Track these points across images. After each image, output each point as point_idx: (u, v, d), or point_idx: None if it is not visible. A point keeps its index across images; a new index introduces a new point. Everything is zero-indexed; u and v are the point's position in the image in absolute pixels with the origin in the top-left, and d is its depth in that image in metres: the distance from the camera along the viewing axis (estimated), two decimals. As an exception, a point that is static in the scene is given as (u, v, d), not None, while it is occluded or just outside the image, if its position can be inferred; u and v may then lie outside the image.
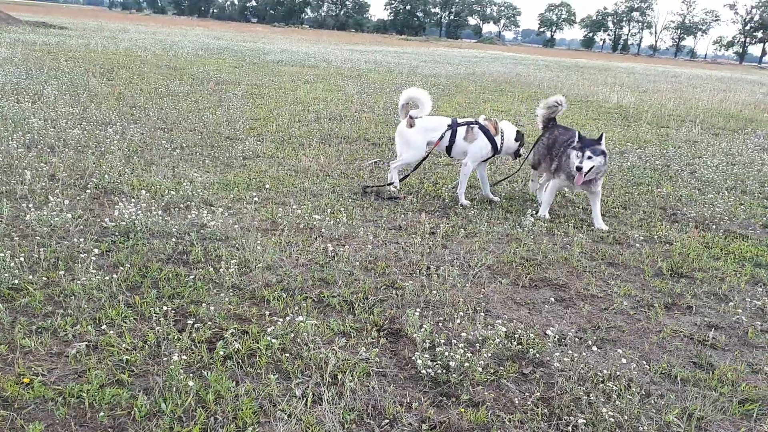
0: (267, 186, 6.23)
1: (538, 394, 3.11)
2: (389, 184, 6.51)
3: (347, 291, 4.02)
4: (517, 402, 3.05)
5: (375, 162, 7.79)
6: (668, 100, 17.95)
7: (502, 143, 6.35)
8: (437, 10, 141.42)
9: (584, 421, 2.85)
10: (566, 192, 7.17)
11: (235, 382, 2.97)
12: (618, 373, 3.31)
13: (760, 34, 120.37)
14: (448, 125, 6.33)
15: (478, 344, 3.46)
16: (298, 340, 3.35)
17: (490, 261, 4.81)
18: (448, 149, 6.41)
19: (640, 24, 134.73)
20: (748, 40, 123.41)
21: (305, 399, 2.87)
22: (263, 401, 2.85)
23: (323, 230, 5.11)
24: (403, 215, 5.76)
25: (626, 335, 3.88)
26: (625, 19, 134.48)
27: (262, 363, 3.15)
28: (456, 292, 4.20)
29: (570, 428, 2.83)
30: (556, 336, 3.64)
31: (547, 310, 4.16)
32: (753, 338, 3.94)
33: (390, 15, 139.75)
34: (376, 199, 6.22)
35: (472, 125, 6.31)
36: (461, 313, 3.80)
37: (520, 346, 3.55)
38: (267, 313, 3.60)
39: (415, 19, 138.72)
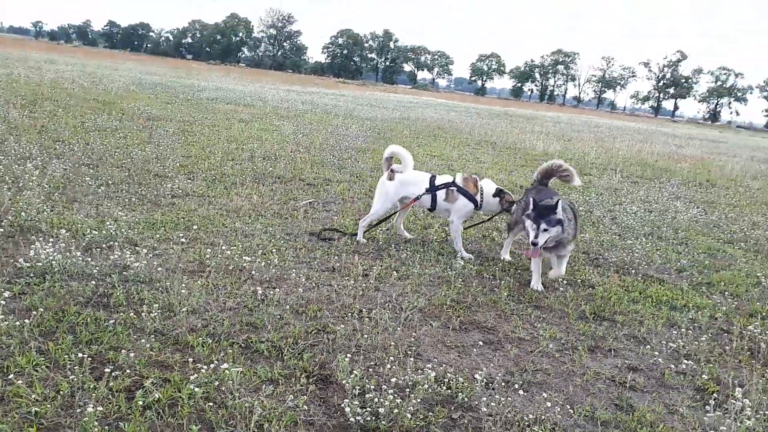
0: (195, 226, 6.07)
1: (467, 439, 3.11)
2: (354, 234, 6.54)
3: (276, 336, 3.93)
4: (446, 448, 3.04)
5: (310, 202, 7.77)
6: (591, 149, 18.96)
7: (481, 200, 6.38)
8: (374, 55, 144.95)
9: (511, 466, 2.87)
10: (495, 236, 7.37)
11: (153, 435, 2.81)
12: (543, 417, 3.36)
13: (671, 90, 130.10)
14: (426, 189, 6.38)
15: (408, 389, 3.44)
16: (223, 388, 3.22)
17: (421, 303, 4.84)
18: (431, 209, 6.54)
19: (564, 76, 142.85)
20: (661, 95, 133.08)
21: (228, 451, 2.75)
22: (183, 455, 2.71)
23: (253, 272, 5.01)
24: (336, 257, 5.73)
25: (552, 378, 3.96)
26: (551, 71, 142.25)
27: (184, 413, 3.00)
28: (387, 335, 4.18)
29: (498, 474, 2.84)
30: (484, 380, 3.68)
31: (476, 353, 4.21)
32: (669, 380, 4.12)
33: (327, 58, 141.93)
34: (309, 240, 6.18)
35: (451, 188, 6.36)
36: (392, 358, 3.79)
37: (449, 391, 3.56)
38: (191, 359, 3.45)
39: (352, 63, 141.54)
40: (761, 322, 5.28)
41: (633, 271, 6.44)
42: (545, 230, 5.27)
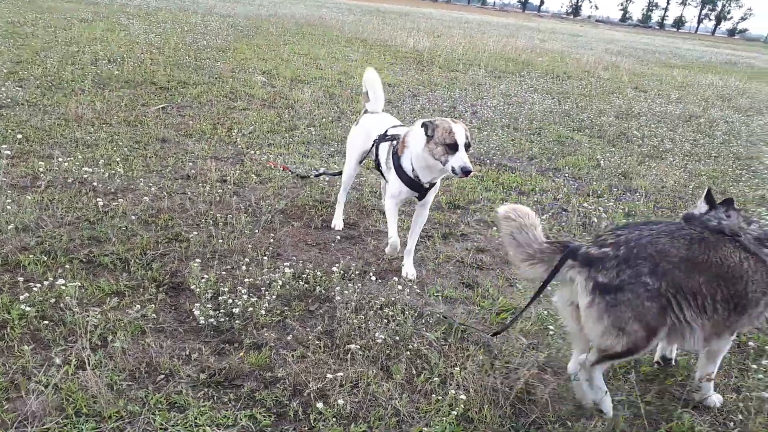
0: (21, 137, 5.45)
1: (321, 328, 3.22)
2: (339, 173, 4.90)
3: (122, 248, 3.74)
4: (300, 338, 3.13)
5: (162, 107, 7.24)
6: (459, 45, 19.17)
7: None
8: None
9: (358, 346, 3.02)
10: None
11: (-20, 361, 2.62)
12: (394, 299, 3.55)
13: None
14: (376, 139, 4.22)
15: (264, 288, 3.45)
16: (61, 305, 3.04)
17: (282, 205, 4.80)
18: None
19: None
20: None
21: (67, 366, 2.64)
22: (15, 375, 2.57)
23: (95, 184, 4.65)
24: (191, 163, 5.46)
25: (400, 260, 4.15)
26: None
27: (15, 335, 2.82)
28: (245, 239, 4.13)
29: (348, 355, 2.99)
30: (342, 271, 3.78)
31: (336, 248, 4.29)
32: (512, 256, 4.47)
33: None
34: (161, 147, 5.81)
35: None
36: (247, 260, 3.76)
37: (307, 285, 3.63)
38: (21, 279, 3.20)
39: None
40: (595, 199, 5.84)
41: (488, 161, 6.77)
42: None
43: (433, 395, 2.79)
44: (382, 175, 4.31)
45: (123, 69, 8.93)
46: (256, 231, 4.28)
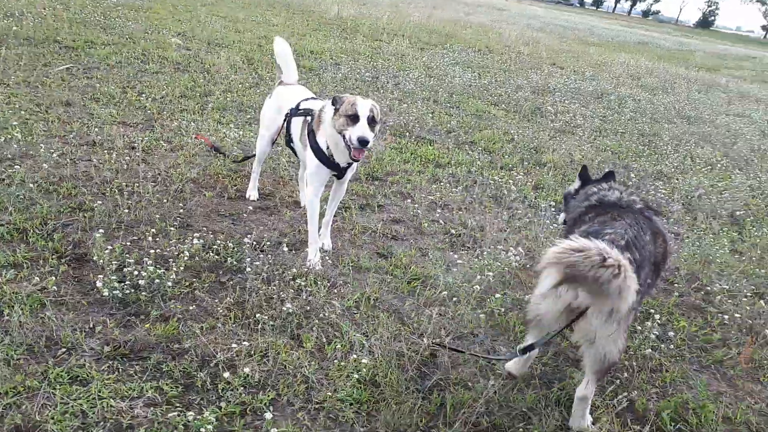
0: None
1: (231, 299, 3.21)
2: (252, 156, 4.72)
3: (20, 218, 3.55)
4: (209, 310, 3.12)
5: (67, 68, 6.82)
6: (384, 14, 19.06)
7: None
8: None
9: (267, 316, 3.05)
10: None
11: None
12: (306, 269, 3.59)
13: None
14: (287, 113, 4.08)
15: (171, 260, 3.39)
16: (-52, 279, 2.88)
17: (194, 174, 4.68)
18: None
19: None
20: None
21: (-44, 343, 2.52)
22: None
23: (-11, 150, 4.37)
24: (97, 129, 5.21)
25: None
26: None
27: None
28: (153, 209, 4.01)
29: (260, 325, 3.01)
30: (254, 242, 3.77)
31: (250, 219, 4.26)
32: (426, 227, 4.61)
33: None
34: (65, 111, 5.49)
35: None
36: (154, 231, 3.67)
37: (218, 257, 3.60)
38: None
39: None
40: (507, 172, 6.07)
41: (407, 133, 6.86)
42: None
43: (341, 362, 2.88)
44: (294, 152, 4.24)
45: (22, 25, 8.27)
46: (165, 200, 4.17)
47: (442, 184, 5.49)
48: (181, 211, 4.08)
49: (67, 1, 10.78)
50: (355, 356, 2.89)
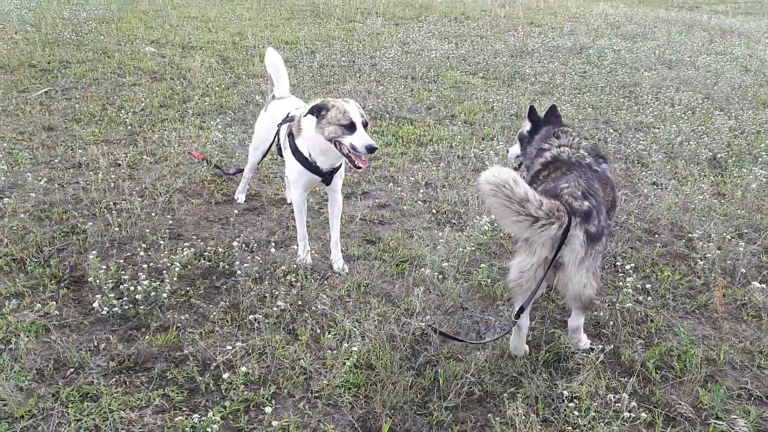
0: None
1: (226, 302, 3.35)
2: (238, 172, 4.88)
3: (15, 248, 3.68)
4: (206, 315, 3.26)
5: (45, 91, 6.89)
6: (357, -7, 18.88)
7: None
8: None
9: (262, 315, 3.19)
10: (257, 100, 7.33)
11: None
12: (295, 265, 3.72)
13: None
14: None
15: (165, 271, 3.51)
16: (-46, 316, 3.02)
17: (179, 184, 4.79)
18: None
19: None
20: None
21: (-31, 377, 2.66)
22: None
23: (-23, 185, 4.48)
24: (81, 150, 5.31)
25: (310, 230, 4.29)
26: None
27: None
28: (143, 224, 4.14)
29: (255, 325, 3.15)
30: (243, 245, 3.89)
31: (239, 221, 4.37)
32: (410, 209, 4.72)
33: None
34: (48, 136, 5.58)
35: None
36: (145, 245, 3.79)
37: (209, 263, 3.72)
38: None
39: None
40: (488, 142, 6.15)
41: (387, 115, 6.92)
42: None
43: (334, 350, 3.01)
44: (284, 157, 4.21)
45: (-5, 52, 8.33)
46: (154, 214, 4.28)
47: (424, 163, 5.58)
48: (171, 222, 4.20)
49: (37, 22, 10.78)
50: (348, 344, 3.03)
